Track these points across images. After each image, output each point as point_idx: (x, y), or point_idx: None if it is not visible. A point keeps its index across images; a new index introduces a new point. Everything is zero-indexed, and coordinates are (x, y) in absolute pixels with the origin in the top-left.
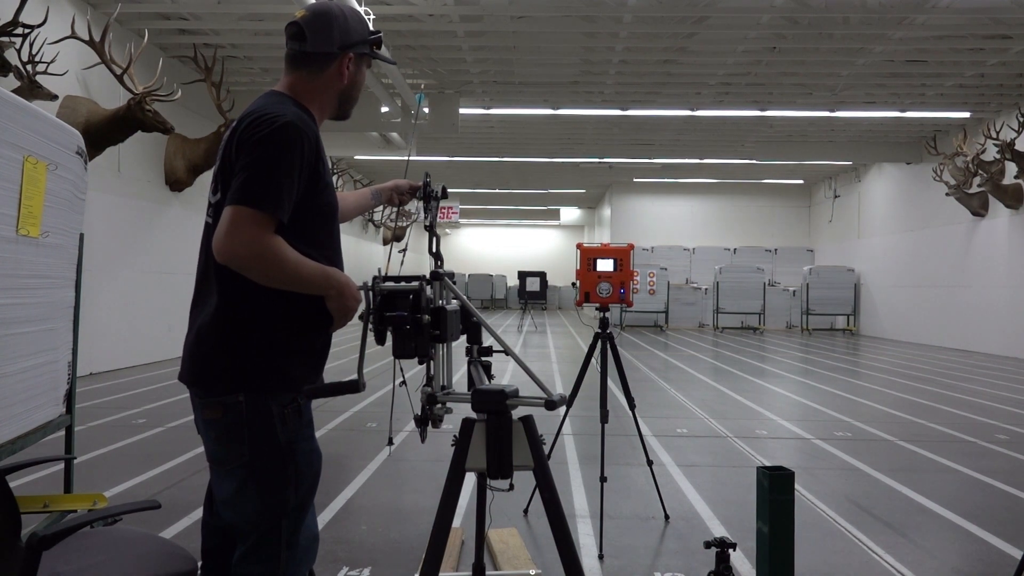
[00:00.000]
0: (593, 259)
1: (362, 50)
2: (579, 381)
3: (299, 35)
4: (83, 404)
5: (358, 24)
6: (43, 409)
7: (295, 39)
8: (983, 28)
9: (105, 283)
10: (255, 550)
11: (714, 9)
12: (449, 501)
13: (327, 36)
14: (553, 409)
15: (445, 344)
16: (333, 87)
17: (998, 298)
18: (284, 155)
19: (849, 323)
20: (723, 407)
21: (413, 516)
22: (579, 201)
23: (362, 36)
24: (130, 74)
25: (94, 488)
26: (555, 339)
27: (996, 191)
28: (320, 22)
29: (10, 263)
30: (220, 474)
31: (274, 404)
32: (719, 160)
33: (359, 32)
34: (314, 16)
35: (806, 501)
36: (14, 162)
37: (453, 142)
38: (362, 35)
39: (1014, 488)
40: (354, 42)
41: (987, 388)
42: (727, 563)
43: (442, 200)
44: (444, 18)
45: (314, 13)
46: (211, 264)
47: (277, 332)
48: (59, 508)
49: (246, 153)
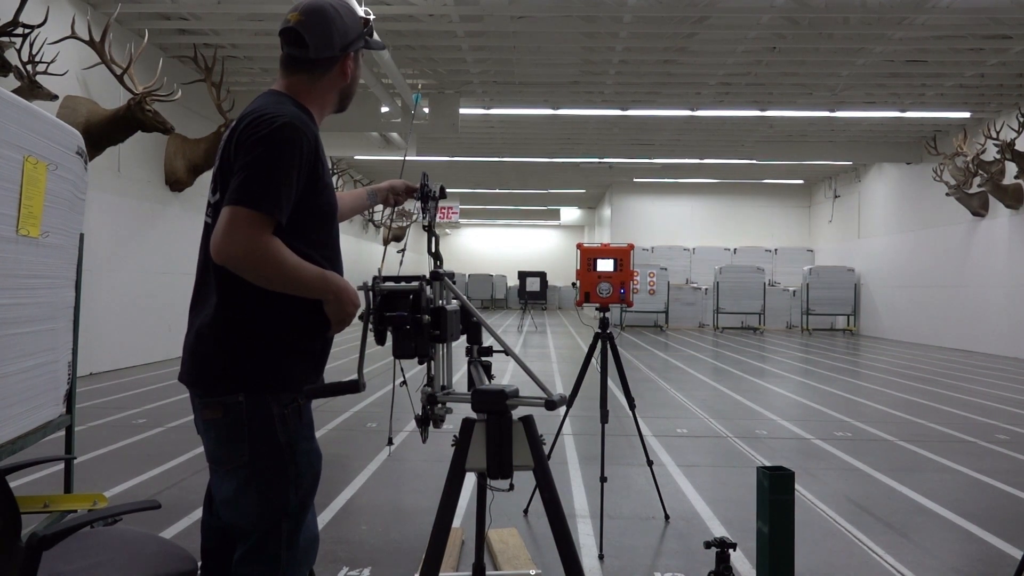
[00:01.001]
0: (593, 259)
1: (360, 45)
2: (579, 381)
3: (299, 41)
4: (83, 404)
5: (352, 20)
6: (43, 409)
7: (295, 46)
8: (983, 28)
9: (105, 283)
10: (255, 550)
11: (714, 9)
12: (449, 501)
13: (328, 41)
14: (553, 409)
15: (445, 344)
16: (335, 87)
17: (998, 298)
18: (283, 155)
19: (849, 323)
20: (723, 407)
21: (413, 516)
22: (579, 201)
23: (358, 31)
24: (130, 74)
25: (94, 488)
26: (555, 339)
27: (996, 191)
28: (320, 27)
29: (10, 263)
30: (220, 474)
31: (274, 404)
32: (719, 160)
33: (355, 28)
34: (312, 21)
35: (806, 501)
36: (14, 162)
37: (453, 142)
38: (358, 30)
39: (1014, 488)
40: (352, 40)
41: (987, 388)
42: (727, 563)
43: (441, 200)
44: (444, 18)
45: (311, 16)
46: (210, 264)
47: (277, 333)
48: (59, 508)
49: (245, 153)
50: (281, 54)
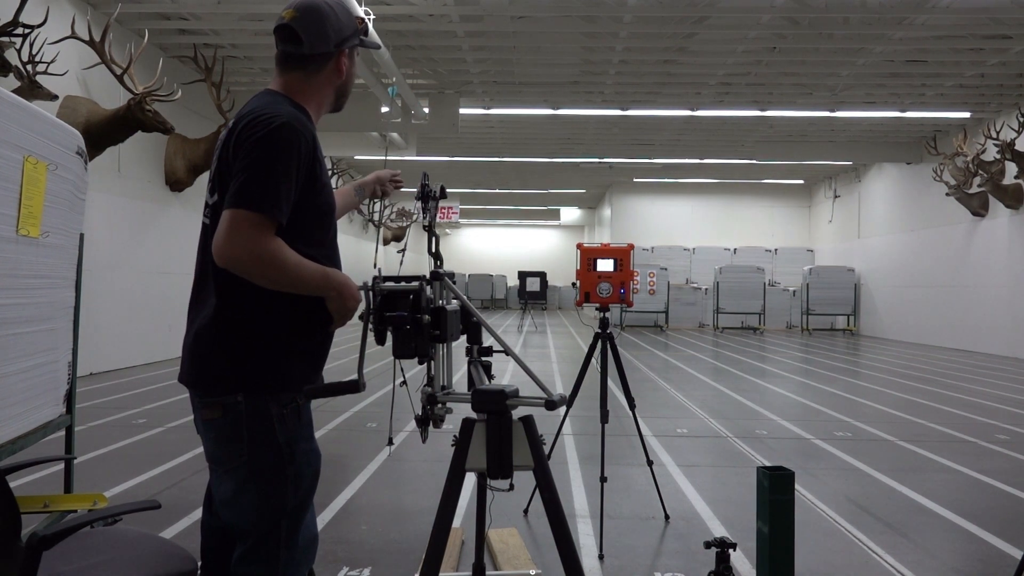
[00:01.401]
0: (593, 259)
1: (355, 43)
2: (579, 381)
3: (294, 38)
4: (83, 404)
5: (347, 17)
6: (43, 409)
7: (290, 42)
8: (983, 28)
9: (105, 283)
10: (254, 550)
11: (714, 9)
12: (449, 501)
13: (323, 37)
14: (553, 409)
15: (445, 344)
16: (331, 84)
17: (998, 298)
18: (281, 156)
19: (849, 323)
20: (723, 407)
21: (413, 516)
22: (579, 201)
23: (353, 28)
24: (130, 74)
25: (94, 488)
26: (555, 339)
27: (996, 191)
28: (315, 23)
29: (10, 263)
30: (219, 474)
31: (273, 404)
32: (719, 160)
33: (350, 25)
34: (307, 17)
35: (806, 501)
36: (14, 162)
37: (453, 142)
38: (352, 27)
39: (1014, 488)
40: (347, 37)
41: (987, 388)
42: (727, 563)
43: (441, 200)
44: (444, 18)
45: (305, 13)
46: (209, 265)
47: (276, 332)
48: (59, 508)
49: (244, 155)
50: (276, 52)
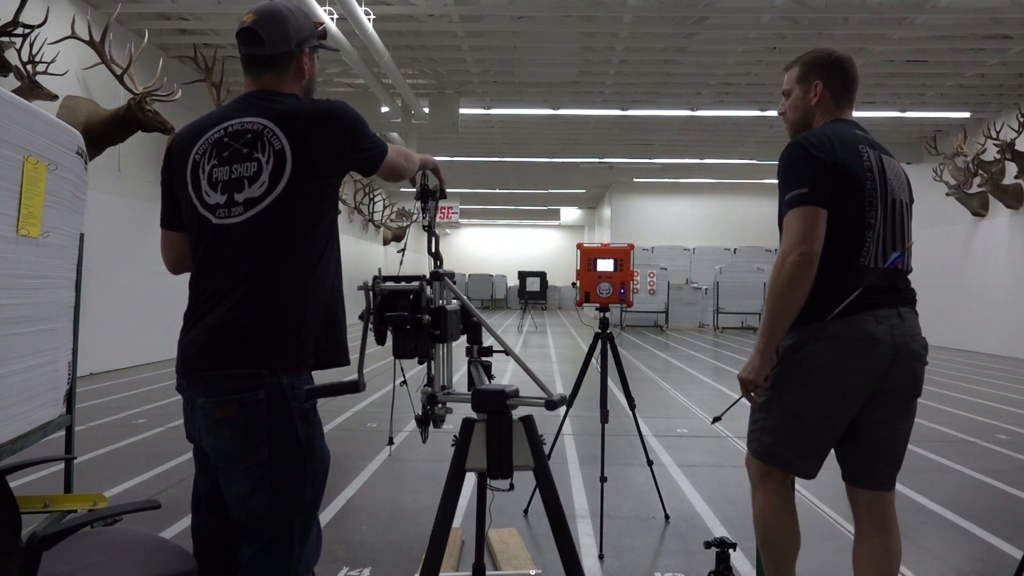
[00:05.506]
0: (593, 259)
1: (314, 43)
2: (579, 381)
3: (256, 39)
4: (83, 404)
5: (305, 19)
6: (43, 409)
7: (253, 44)
8: (983, 28)
9: (105, 283)
10: (270, 547)
11: (714, 9)
12: (449, 501)
13: (284, 37)
14: (553, 409)
15: (445, 344)
16: (298, 83)
17: (998, 298)
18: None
19: None
20: (723, 407)
21: (413, 516)
22: (579, 201)
23: (312, 30)
24: (130, 74)
25: (94, 488)
26: (555, 339)
27: (996, 191)
28: (274, 24)
29: (10, 263)
30: (232, 473)
31: (293, 400)
32: (719, 160)
33: (308, 26)
34: (267, 19)
35: (806, 501)
36: (14, 162)
37: (453, 142)
38: (311, 29)
39: (1014, 488)
40: (307, 37)
41: (987, 388)
42: (727, 563)
43: (441, 200)
44: (444, 18)
45: (266, 16)
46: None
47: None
48: (59, 508)
49: (358, 137)
50: (241, 57)
